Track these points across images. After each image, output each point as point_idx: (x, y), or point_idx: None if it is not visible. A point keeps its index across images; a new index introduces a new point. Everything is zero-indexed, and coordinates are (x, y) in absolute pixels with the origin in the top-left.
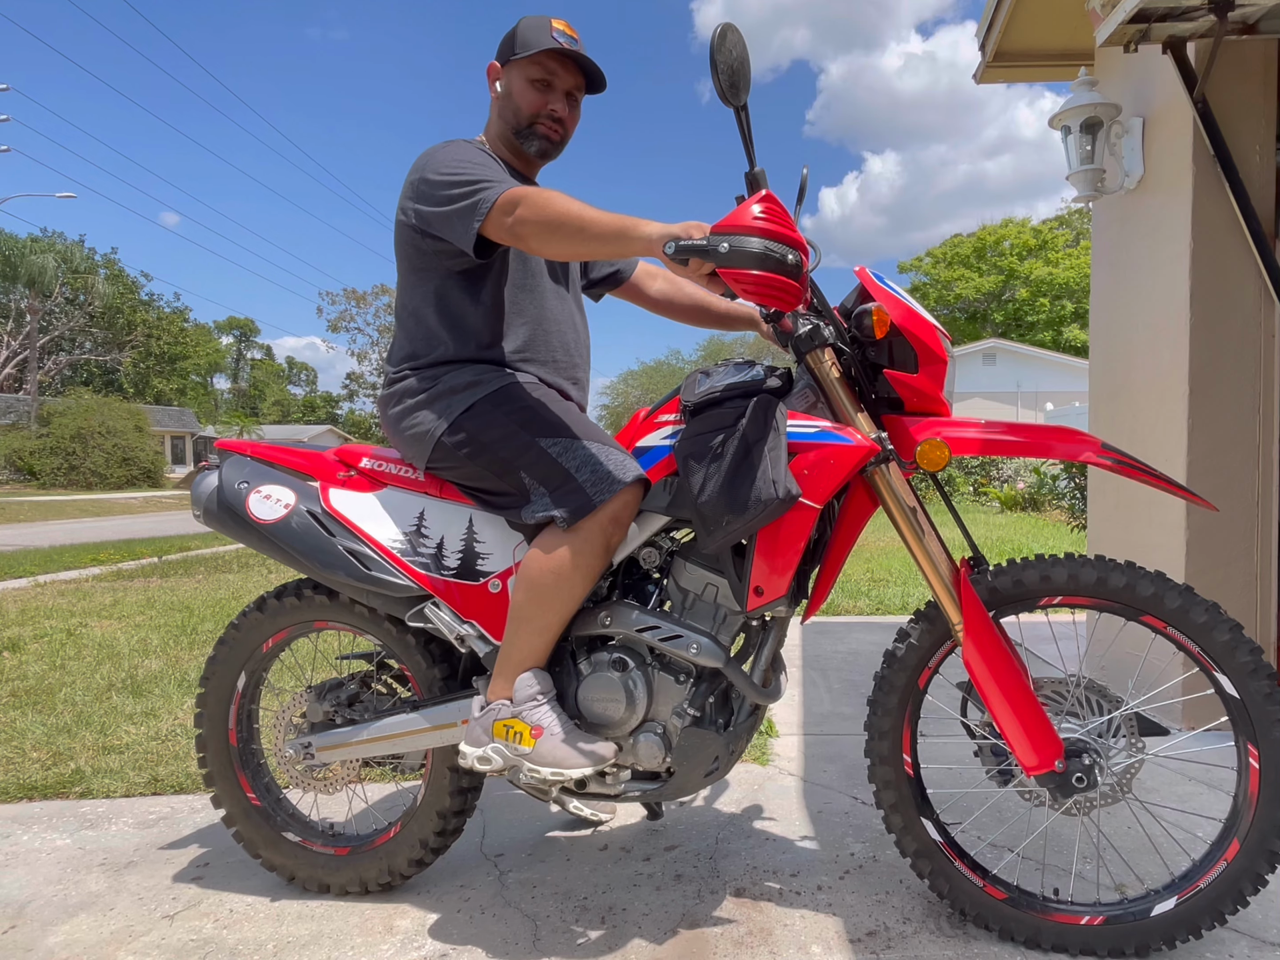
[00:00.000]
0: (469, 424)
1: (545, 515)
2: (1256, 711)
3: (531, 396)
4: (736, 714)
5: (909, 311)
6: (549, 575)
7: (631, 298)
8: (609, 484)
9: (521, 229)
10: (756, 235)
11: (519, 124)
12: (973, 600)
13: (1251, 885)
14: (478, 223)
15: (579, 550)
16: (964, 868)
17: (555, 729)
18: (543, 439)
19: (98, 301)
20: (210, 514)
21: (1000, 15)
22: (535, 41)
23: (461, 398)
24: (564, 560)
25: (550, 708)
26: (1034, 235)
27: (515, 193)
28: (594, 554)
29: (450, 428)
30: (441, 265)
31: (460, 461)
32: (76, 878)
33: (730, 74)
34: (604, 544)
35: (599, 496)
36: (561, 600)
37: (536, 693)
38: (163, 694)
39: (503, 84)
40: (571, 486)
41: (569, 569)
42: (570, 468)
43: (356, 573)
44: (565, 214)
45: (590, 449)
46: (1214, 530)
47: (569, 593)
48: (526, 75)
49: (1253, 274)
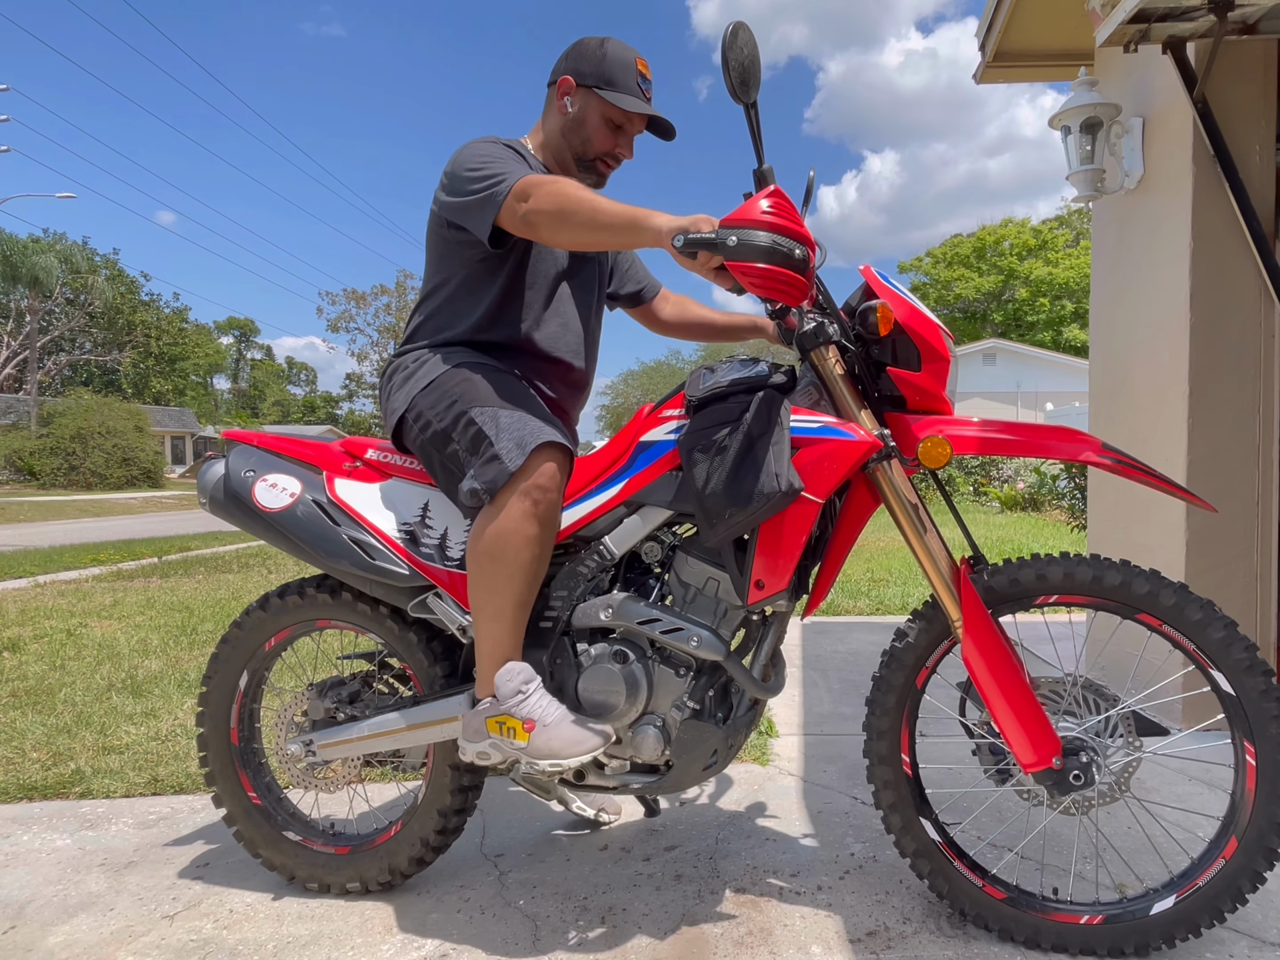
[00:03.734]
0: (423, 400)
1: (469, 488)
2: (1252, 709)
3: (480, 370)
4: (736, 708)
5: (913, 310)
6: (484, 557)
7: (643, 319)
8: (523, 448)
9: (534, 217)
10: (764, 229)
11: (584, 155)
12: (972, 597)
13: (1250, 883)
14: (493, 213)
15: (506, 524)
16: (963, 868)
17: (548, 719)
18: (473, 408)
19: (98, 302)
20: (216, 502)
21: (1000, 15)
22: (623, 84)
23: (422, 374)
24: (494, 537)
25: (538, 699)
26: (1034, 235)
27: (527, 182)
28: (523, 525)
29: (409, 406)
30: (463, 255)
31: (414, 439)
32: (76, 878)
33: (741, 71)
34: (530, 512)
35: (514, 463)
36: (504, 581)
37: (520, 685)
38: (163, 694)
39: (575, 105)
40: (490, 455)
41: (500, 546)
42: (491, 435)
43: (361, 562)
44: (577, 203)
45: (511, 417)
46: (1214, 530)
47: (509, 572)
48: (605, 114)
49: (1253, 274)
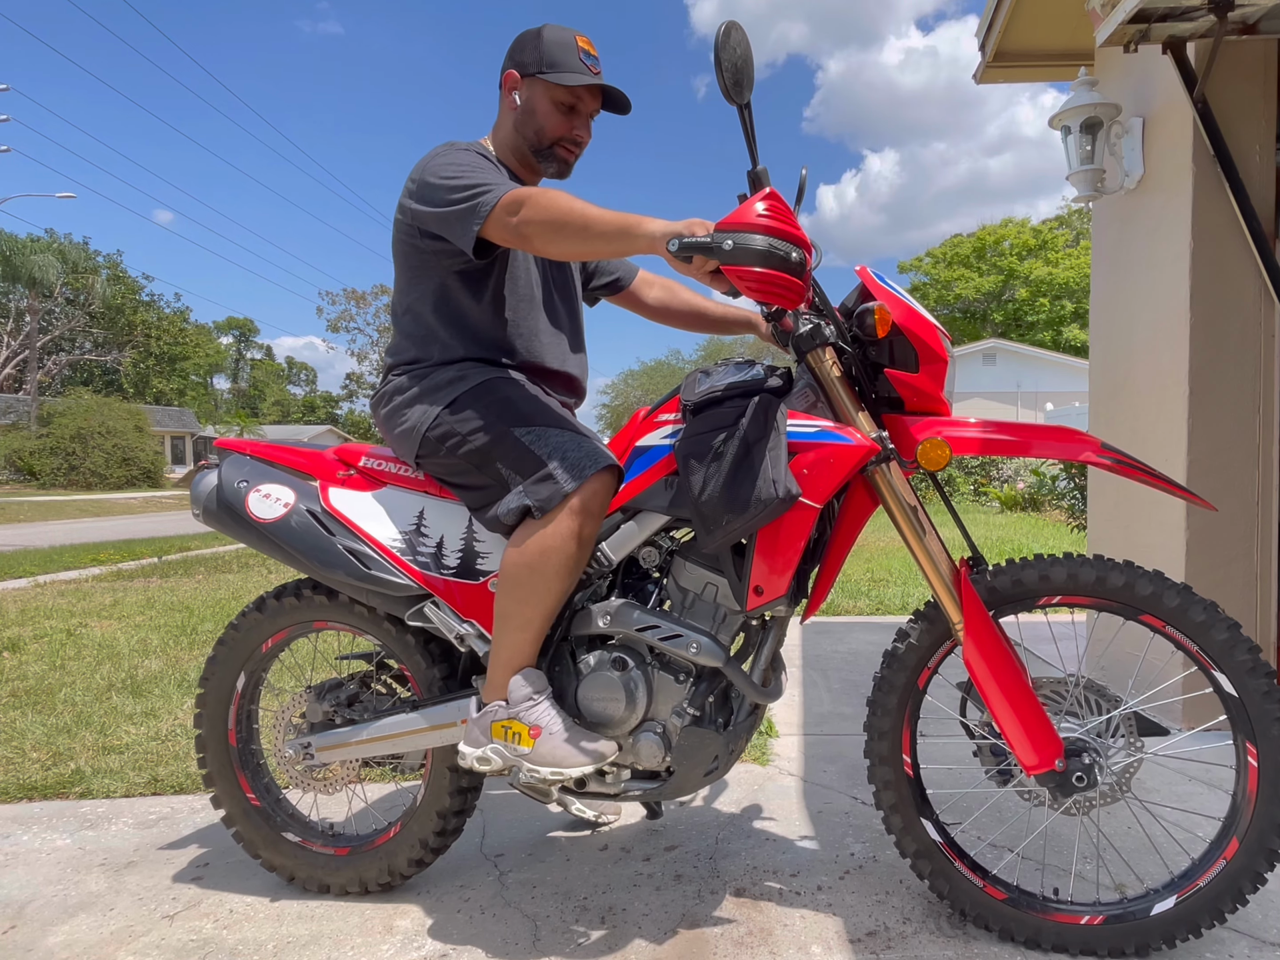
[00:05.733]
0: (451, 417)
1: (519, 504)
2: (1255, 710)
3: (511, 388)
4: (736, 713)
5: (910, 311)
6: (524, 569)
7: (629, 305)
8: (579, 470)
9: (526, 229)
10: (761, 232)
11: (539, 144)
12: (973, 599)
13: (1251, 884)
14: (477, 225)
15: (551, 540)
16: (964, 868)
17: (554, 728)
18: (517, 428)
19: (98, 302)
20: (210, 513)
21: (1000, 15)
22: (564, 63)
23: (445, 392)
24: (537, 552)
25: (547, 706)
26: (1034, 235)
27: (518, 193)
28: (567, 544)
29: (434, 422)
30: (440, 266)
31: (444, 455)
32: (76, 878)
33: (734, 72)
34: (576, 533)
35: (569, 484)
36: (539, 594)
37: (532, 692)
38: (163, 694)
39: (523, 97)
40: (543, 474)
41: (542, 561)
42: (543, 455)
43: (356, 572)
44: (569, 213)
45: (563, 438)
46: (1214, 530)
47: (545, 586)
48: (552, 97)
49: (1253, 274)
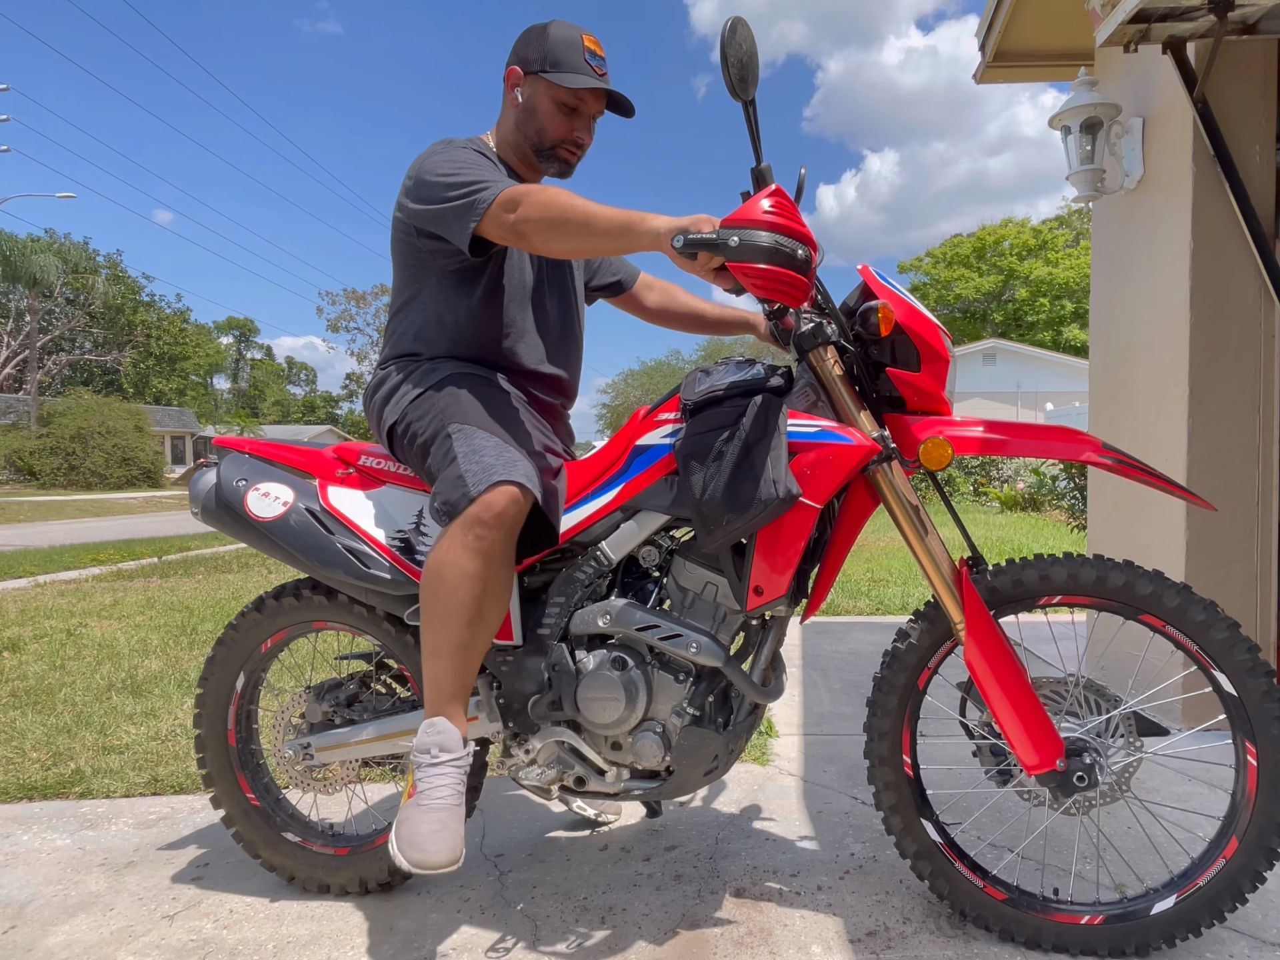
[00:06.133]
0: (413, 410)
1: (434, 505)
2: (1254, 709)
3: (471, 385)
4: (736, 713)
5: (912, 310)
6: (425, 587)
7: (628, 307)
8: (486, 476)
9: (524, 226)
10: (767, 229)
11: (540, 144)
12: (974, 599)
13: (1250, 883)
14: (474, 222)
15: (446, 554)
16: (964, 868)
17: (431, 801)
18: (451, 424)
19: (98, 301)
20: (208, 511)
21: (1000, 15)
22: (569, 63)
23: (415, 387)
24: (433, 569)
25: (443, 775)
26: (1034, 235)
27: (515, 191)
28: (460, 558)
29: (399, 416)
30: (436, 264)
31: (404, 450)
32: (76, 878)
33: (740, 68)
34: (471, 547)
35: (474, 489)
36: (440, 616)
37: (436, 746)
38: (163, 694)
39: (525, 95)
40: (454, 475)
41: (438, 578)
42: (459, 454)
43: (355, 571)
44: (569, 210)
45: (487, 441)
46: (1214, 530)
47: (445, 608)
48: (555, 98)
49: (1253, 274)
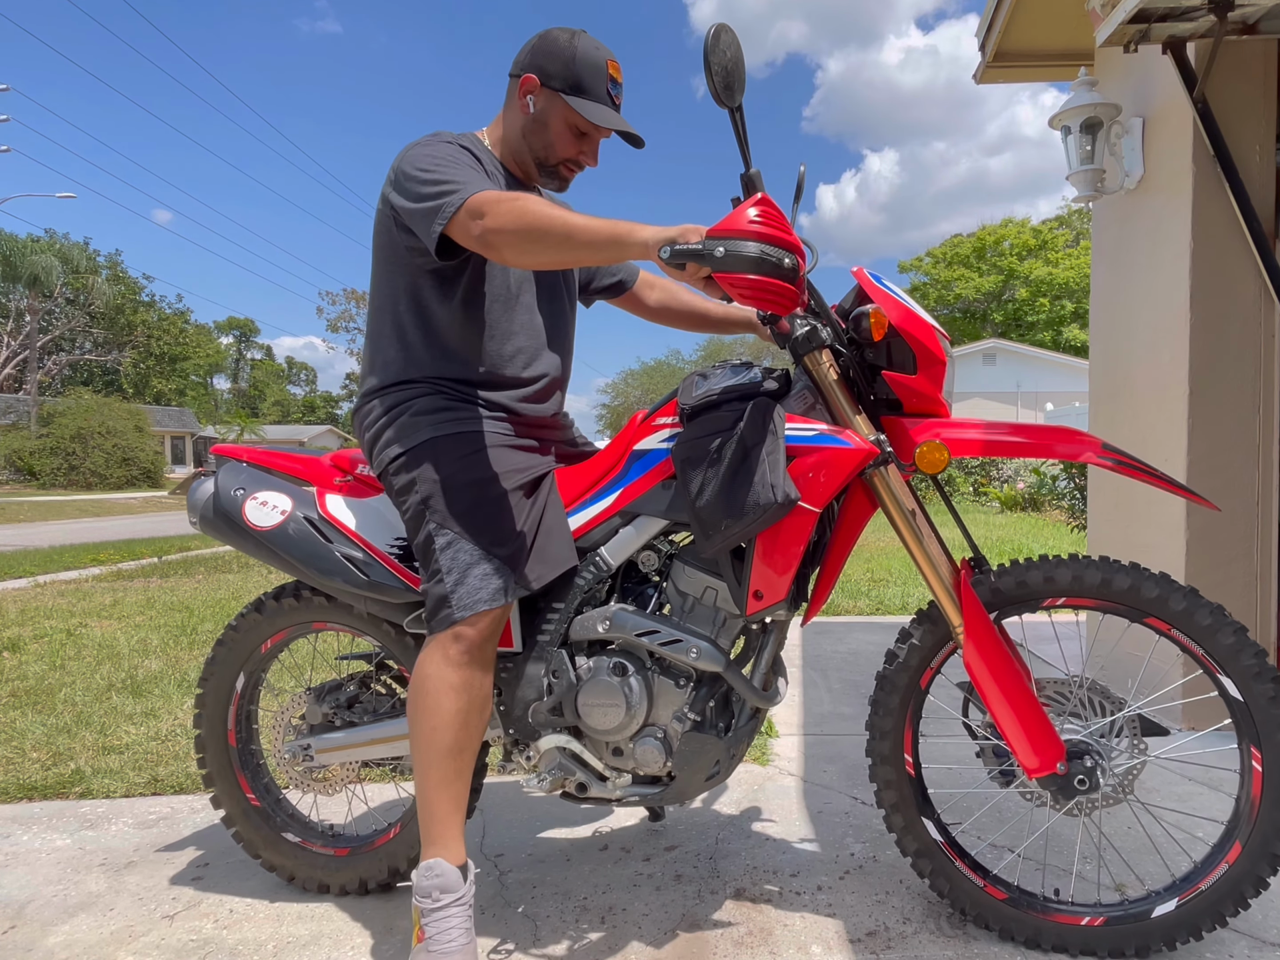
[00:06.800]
0: (395, 476)
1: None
2: (1260, 715)
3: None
4: (737, 718)
5: (907, 312)
6: (409, 700)
7: (629, 307)
8: (467, 605)
9: (493, 238)
10: (752, 239)
11: (546, 160)
12: (973, 602)
13: (1253, 888)
14: (439, 226)
15: (427, 666)
16: (964, 868)
17: (442, 948)
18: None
19: (98, 302)
20: (206, 521)
21: (1000, 15)
22: (592, 90)
23: (408, 436)
24: (417, 681)
25: (448, 918)
26: (1034, 235)
27: (483, 198)
28: (442, 670)
29: (382, 472)
30: (412, 263)
31: (393, 489)
32: (76, 878)
33: (725, 75)
34: (455, 660)
35: (458, 614)
36: (427, 731)
37: (436, 889)
38: (163, 694)
39: (539, 107)
40: (439, 594)
41: (420, 689)
42: (444, 570)
43: (354, 579)
44: (547, 221)
45: (473, 555)
46: (1214, 530)
47: (431, 722)
48: (569, 120)
49: (1253, 274)
